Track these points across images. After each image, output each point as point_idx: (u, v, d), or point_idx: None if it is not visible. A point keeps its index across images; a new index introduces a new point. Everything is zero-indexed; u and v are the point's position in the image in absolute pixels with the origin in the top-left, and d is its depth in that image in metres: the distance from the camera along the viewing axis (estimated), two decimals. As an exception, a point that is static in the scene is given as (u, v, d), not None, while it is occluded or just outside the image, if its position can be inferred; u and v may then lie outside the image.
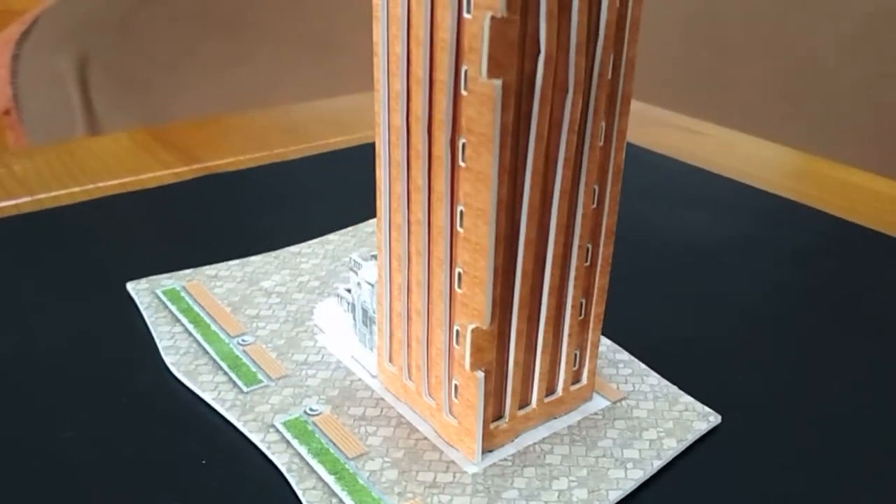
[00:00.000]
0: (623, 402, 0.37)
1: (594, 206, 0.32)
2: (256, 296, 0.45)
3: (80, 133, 1.11)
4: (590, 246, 0.33)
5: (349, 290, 0.41)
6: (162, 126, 0.72)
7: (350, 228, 0.52)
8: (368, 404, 0.36)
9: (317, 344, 0.40)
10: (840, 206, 0.59)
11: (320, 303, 0.43)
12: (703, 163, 0.66)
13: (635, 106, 0.53)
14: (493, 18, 0.25)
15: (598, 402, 0.37)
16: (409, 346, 0.35)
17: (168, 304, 0.43)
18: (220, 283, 0.46)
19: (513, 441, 0.34)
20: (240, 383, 0.37)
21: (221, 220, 0.54)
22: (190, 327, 0.41)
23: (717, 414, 0.36)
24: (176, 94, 1.04)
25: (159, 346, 0.40)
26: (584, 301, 0.34)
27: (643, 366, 0.39)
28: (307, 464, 0.33)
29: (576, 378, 0.36)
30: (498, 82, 0.26)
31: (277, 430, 0.34)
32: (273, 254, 0.49)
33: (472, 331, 0.30)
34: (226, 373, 0.38)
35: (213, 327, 0.41)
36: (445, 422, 0.34)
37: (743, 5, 0.93)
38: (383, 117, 0.32)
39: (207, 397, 0.37)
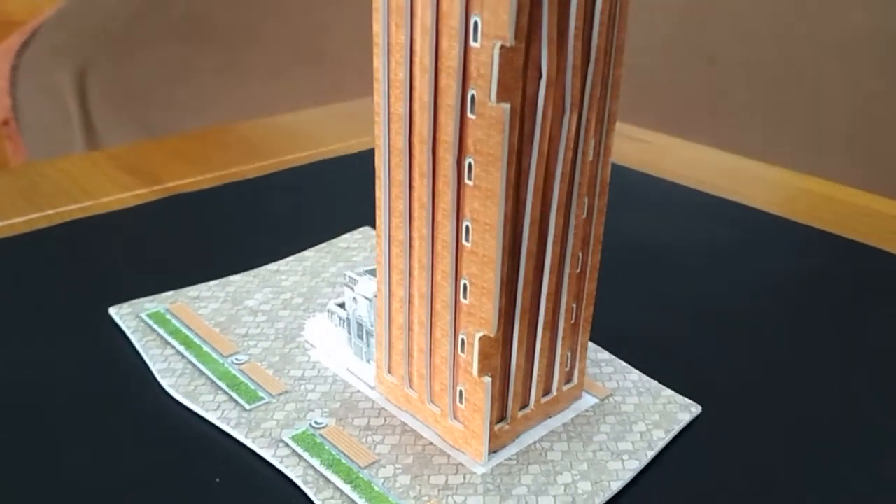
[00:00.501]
0: (610, 399, 0.39)
1: (584, 216, 0.34)
2: (243, 315, 0.45)
3: (78, 144, 1.11)
4: (580, 254, 0.35)
5: (340, 306, 0.43)
6: (118, 148, 0.71)
7: (324, 245, 0.54)
8: (371, 414, 0.38)
9: (311, 359, 0.41)
10: (785, 208, 0.63)
11: (310, 319, 0.45)
12: (651, 169, 0.70)
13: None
14: (502, 47, 0.27)
15: (588, 400, 0.39)
16: (410, 356, 0.37)
17: (155, 327, 0.44)
18: (203, 304, 0.46)
19: (514, 441, 0.36)
20: (241, 401, 0.38)
21: (190, 241, 0.54)
22: (181, 349, 0.42)
23: (697, 405, 0.39)
24: (173, 106, 1.05)
25: (153, 369, 0.41)
26: (575, 305, 0.36)
27: (623, 363, 0.42)
28: (322, 475, 0.34)
29: (568, 378, 0.38)
30: (506, 106, 0.28)
31: (287, 445, 0.35)
32: (252, 273, 0.50)
33: (480, 338, 0.32)
34: (226, 392, 0.39)
35: (205, 348, 0.42)
36: (451, 427, 0.35)
37: (731, 21, 0.97)
38: (384, 139, 0.34)
39: (211, 417, 0.37)
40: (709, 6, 0.98)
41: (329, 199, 0.62)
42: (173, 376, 0.40)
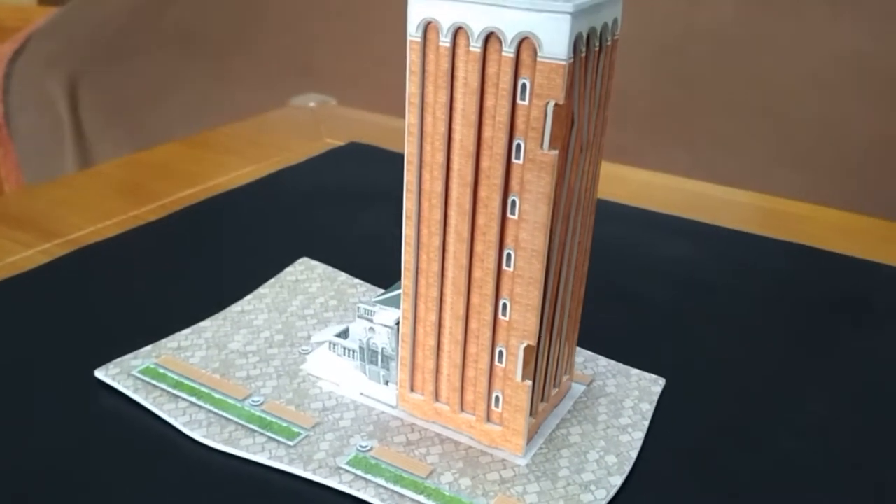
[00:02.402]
0: (594, 384, 0.46)
1: (586, 234, 0.41)
2: (234, 358, 0.47)
3: (68, 151, 1.09)
4: (579, 265, 0.41)
5: (341, 336, 0.46)
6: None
7: (272, 280, 0.55)
8: (405, 431, 0.42)
9: (323, 390, 0.44)
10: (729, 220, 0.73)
11: (311, 354, 0.47)
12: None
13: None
14: (555, 105, 0.33)
15: (577, 388, 0.45)
16: (438, 373, 0.41)
17: (154, 382, 0.44)
18: (189, 353, 0.47)
19: (537, 432, 0.42)
20: (282, 439, 0.40)
21: (116, 293, 0.54)
22: (194, 400, 0.43)
23: (661, 377, 0.47)
24: (163, 115, 1.00)
25: (176, 424, 0.41)
26: (572, 308, 0.42)
27: (590, 352, 0.49)
28: (394, 491, 0.37)
29: (566, 371, 0.44)
30: (556, 152, 0.34)
31: (347, 471, 0.39)
32: (220, 316, 0.51)
33: (525, 348, 0.38)
34: (262, 433, 0.41)
35: (217, 395, 0.43)
36: (486, 429, 0.40)
37: (711, 44, 1.03)
38: (415, 184, 0.38)
39: (261, 459, 0.39)
40: (685, 30, 1.04)
41: (236, 233, 0.63)
42: (201, 427, 0.41)
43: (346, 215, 0.67)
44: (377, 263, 0.58)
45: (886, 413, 0.45)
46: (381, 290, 0.54)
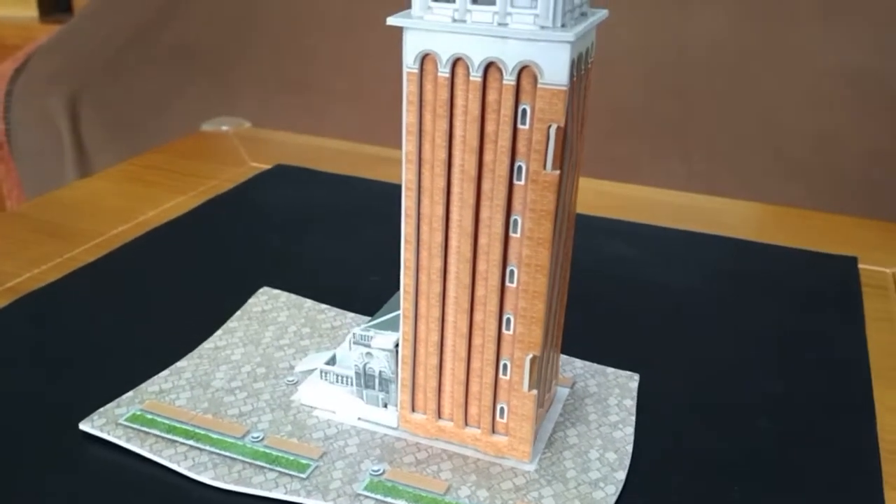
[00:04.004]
0: (576, 386, 0.48)
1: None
2: (221, 396, 0.46)
3: (70, 168, 1.10)
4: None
5: (330, 363, 0.46)
6: None
7: (238, 312, 0.55)
8: (412, 451, 0.42)
9: (321, 419, 0.44)
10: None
11: (301, 384, 0.47)
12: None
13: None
14: (557, 128, 0.35)
15: (562, 391, 0.48)
16: (441, 391, 0.42)
17: (146, 429, 0.43)
18: (172, 395, 0.46)
19: (537, 437, 0.43)
20: (293, 472, 0.40)
21: (74, 340, 0.52)
22: (192, 443, 0.42)
23: (636, 374, 0.50)
24: (163, 133, 0.97)
25: (180, 469, 0.41)
26: (559, 316, 0.44)
27: (564, 356, 0.51)
28: (417, 511, 0.38)
29: (555, 376, 0.46)
30: (557, 171, 0.36)
31: (367, 496, 0.39)
32: (194, 354, 0.50)
33: (531, 359, 0.39)
34: (271, 469, 0.41)
35: (215, 436, 0.43)
36: (492, 441, 0.42)
37: (705, 59, 1.04)
38: (414, 210, 0.39)
39: (277, 494, 0.39)
40: (676, 43, 1.05)
41: (184, 267, 0.62)
42: (207, 469, 0.41)
43: (290, 239, 0.67)
44: (335, 286, 0.58)
45: (839, 386, 0.50)
46: (351, 313, 0.55)
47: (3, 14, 1.80)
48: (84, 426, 0.43)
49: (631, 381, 0.49)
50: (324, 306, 0.56)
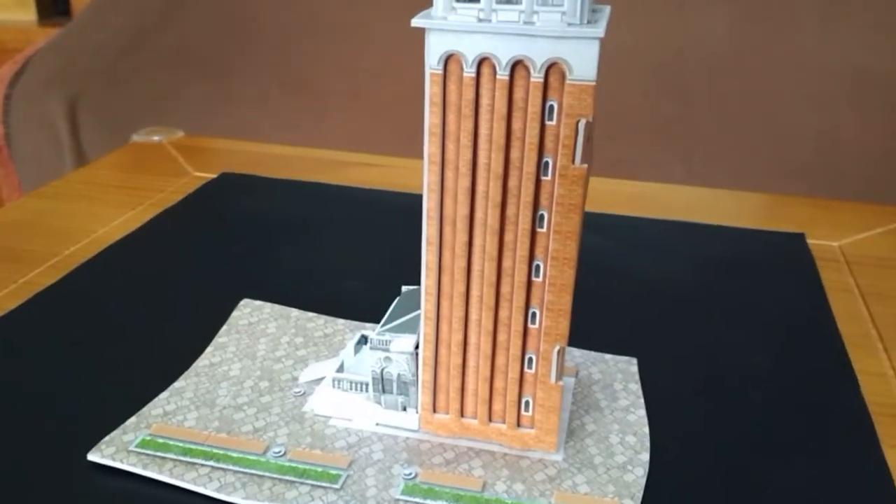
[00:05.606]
0: (580, 374, 0.49)
1: (575, 237, 0.44)
2: (230, 413, 0.45)
3: (69, 172, 1.00)
4: (571, 266, 0.44)
5: (339, 371, 0.45)
6: None
7: (224, 327, 0.53)
8: (439, 451, 0.42)
9: (339, 428, 0.44)
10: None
11: (311, 395, 0.46)
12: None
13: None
14: (587, 122, 0.35)
15: (569, 381, 0.49)
16: (464, 390, 0.42)
17: (160, 454, 0.41)
18: (179, 416, 0.44)
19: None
20: (325, 484, 0.40)
21: (59, 367, 0.49)
22: (212, 464, 0.41)
23: (633, 358, 0.51)
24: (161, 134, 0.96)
25: (206, 492, 0.39)
26: (568, 308, 0.45)
27: (562, 346, 0.52)
28: (460, 510, 0.38)
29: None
30: (585, 165, 0.36)
31: (407, 500, 0.39)
32: (191, 372, 0.48)
33: (558, 351, 0.40)
34: (302, 483, 0.40)
35: (235, 454, 0.42)
36: (518, 434, 0.42)
37: (706, 59, 1.03)
38: (436, 212, 0.39)
39: (314, 508, 0.38)
40: (679, 43, 1.04)
41: (152, 283, 0.59)
42: (237, 489, 0.39)
43: (255, 248, 0.65)
44: (314, 294, 0.58)
45: (817, 355, 0.53)
46: (342, 320, 0.54)
47: (2, 17, 1.78)
48: (93, 456, 0.41)
49: (630, 365, 0.50)
50: (311, 314, 0.55)
